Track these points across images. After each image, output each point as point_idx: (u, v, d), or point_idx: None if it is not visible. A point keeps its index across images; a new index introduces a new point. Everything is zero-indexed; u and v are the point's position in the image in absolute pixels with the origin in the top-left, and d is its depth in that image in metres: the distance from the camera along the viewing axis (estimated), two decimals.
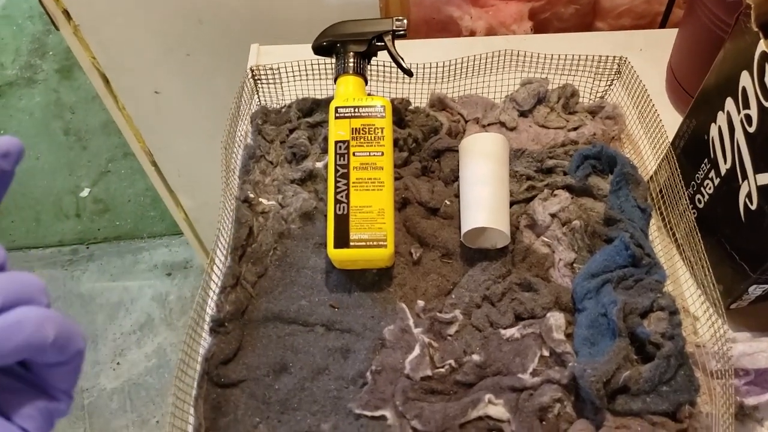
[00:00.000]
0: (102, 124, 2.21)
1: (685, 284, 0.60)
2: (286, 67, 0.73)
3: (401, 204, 0.66)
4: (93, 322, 1.87)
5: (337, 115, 0.62)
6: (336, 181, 0.60)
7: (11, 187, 0.31)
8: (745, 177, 0.51)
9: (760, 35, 0.47)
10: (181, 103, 1.15)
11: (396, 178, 0.68)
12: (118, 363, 1.79)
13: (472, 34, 0.92)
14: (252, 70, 0.73)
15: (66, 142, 2.21)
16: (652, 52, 0.83)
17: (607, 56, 0.72)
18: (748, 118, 0.49)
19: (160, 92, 1.13)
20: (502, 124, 0.72)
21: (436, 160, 0.70)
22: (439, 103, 0.74)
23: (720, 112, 0.53)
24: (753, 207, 0.51)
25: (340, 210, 0.60)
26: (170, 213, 1.47)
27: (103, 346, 1.83)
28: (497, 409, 0.53)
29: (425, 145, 0.70)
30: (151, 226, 2.03)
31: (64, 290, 1.94)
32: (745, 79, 0.49)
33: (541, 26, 0.95)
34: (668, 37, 0.80)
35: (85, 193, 2.12)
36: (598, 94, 0.75)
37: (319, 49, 0.68)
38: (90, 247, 2.02)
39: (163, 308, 1.89)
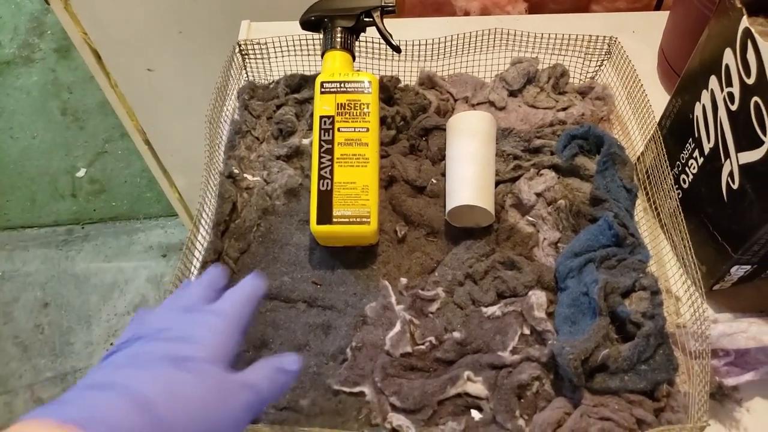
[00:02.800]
0: (99, 104, 2.20)
1: (669, 265, 0.60)
2: (273, 42, 0.72)
3: (388, 182, 0.66)
4: (87, 302, 1.88)
5: (323, 89, 0.62)
6: (320, 157, 0.60)
7: (7, 166, 0.30)
8: (727, 156, 0.50)
9: (744, 12, 0.47)
10: (174, 81, 1.15)
11: (383, 156, 0.67)
12: (111, 344, 1.80)
13: (467, 14, 0.91)
14: (239, 45, 0.72)
15: (63, 121, 2.20)
16: (645, 34, 0.82)
17: (598, 36, 0.71)
18: (731, 95, 0.49)
19: (153, 70, 1.13)
20: (492, 103, 0.71)
21: (423, 139, 0.70)
22: (429, 81, 0.73)
23: (704, 91, 0.53)
24: (735, 186, 0.50)
25: (323, 186, 0.59)
26: (166, 194, 1.47)
27: (97, 326, 1.84)
28: (476, 387, 0.53)
29: (413, 124, 0.69)
30: (147, 208, 2.03)
31: (58, 270, 1.94)
32: (728, 57, 0.49)
33: (536, 8, 0.94)
34: (661, 19, 0.79)
35: (81, 173, 2.12)
36: (588, 75, 0.74)
37: (307, 24, 0.67)
38: (85, 228, 2.03)
39: (158, 290, 1.89)
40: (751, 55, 0.45)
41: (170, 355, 0.36)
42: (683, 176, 0.59)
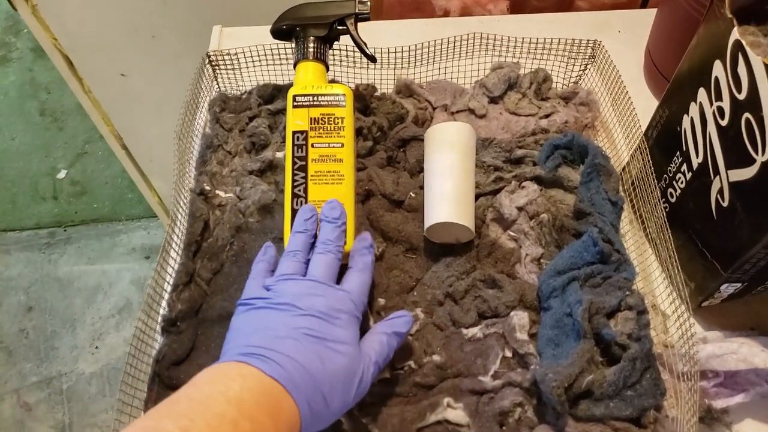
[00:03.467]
0: (78, 105, 2.12)
1: (656, 280, 0.58)
2: (245, 52, 0.69)
3: (365, 196, 0.64)
4: (71, 306, 1.85)
5: (295, 103, 0.59)
6: (293, 174, 0.57)
7: None
8: (717, 172, 0.48)
9: (734, 22, 0.44)
10: (148, 85, 1.11)
11: (360, 169, 0.65)
12: (96, 347, 1.77)
13: (446, 13, 0.89)
14: (209, 56, 0.70)
15: (42, 122, 2.16)
16: (630, 34, 0.80)
17: (581, 40, 0.69)
18: (721, 110, 0.46)
19: (126, 75, 1.10)
20: (471, 111, 0.69)
21: (401, 150, 0.67)
22: (406, 90, 0.71)
23: (692, 103, 0.51)
24: (724, 204, 0.48)
25: (297, 204, 0.57)
26: (146, 198, 1.44)
27: (81, 330, 1.81)
28: (456, 413, 0.51)
29: (390, 134, 0.67)
30: (129, 209, 2.00)
31: (41, 274, 1.91)
32: (717, 69, 0.46)
33: (518, 5, 0.91)
34: (648, 17, 0.77)
35: (62, 174, 2.08)
36: (572, 80, 0.72)
37: (278, 33, 0.64)
38: (67, 230, 1.99)
39: (142, 292, 1.86)
40: (742, 69, 0.43)
41: (322, 334, 0.44)
42: (670, 190, 0.57)
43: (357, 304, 0.48)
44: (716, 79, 0.47)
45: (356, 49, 0.65)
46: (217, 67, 0.71)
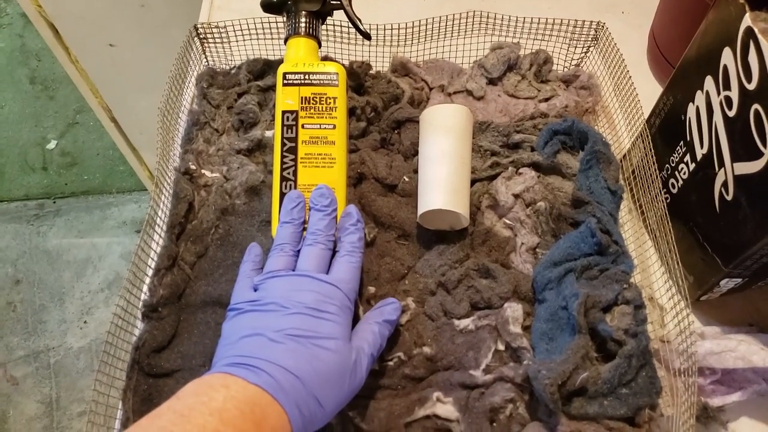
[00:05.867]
0: None
1: (654, 275, 0.56)
2: (234, 25, 0.67)
3: (357, 179, 0.61)
4: (60, 279, 1.83)
5: (285, 81, 0.57)
6: (282, 156, 0.55)
7: None
8: (722, 165, 0.46)
9: (746, 8, 0.42)
10: (137, 56, 1.08)
11: (352, 150, 0.63)
12: (85, 322, 1.76)
13: None
14: (197, 29, 0.67)
15: (32, 91, 2.12)
16: (635, 15, 0.77)
17: (584, 21, 0.66)
18: (728, 100, 0.44)
19: (115, 45, 1.06)
20: (469, 92, 0.67)
21: (396, 132, 0.65)
22: (402, 68, 0.68)
23: (699, 91, 0.48)
24: (728, 198, 0.46)
25: (286, 188, 0.55)
26: (136, 172, 1.41)
27: (70, 304, 1.79)
28: (446, 408, 0.49)
29: (385, 115, 0.65)
30: (120, 182, 1.97)
31: (30, 246, 1.89)
32: (726, 57, 0.44)
33: None
34: None
35: (52, 145, 2.04)
36: (573, 62, 0.69)
37: (269, 7, 0.61)
38: (57, 202, 1.96)
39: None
40: (753, 58, 0.41)
41: (310, 333, 0.42)
42: (672, 180, 0.55)
43: (347, 293, 0.47)
44: (725, 67, 0.44)
45: (350, 25, 0.62)
46: (205, 41, 0.68)
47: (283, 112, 0.56)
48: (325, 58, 0.68)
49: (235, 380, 0.39)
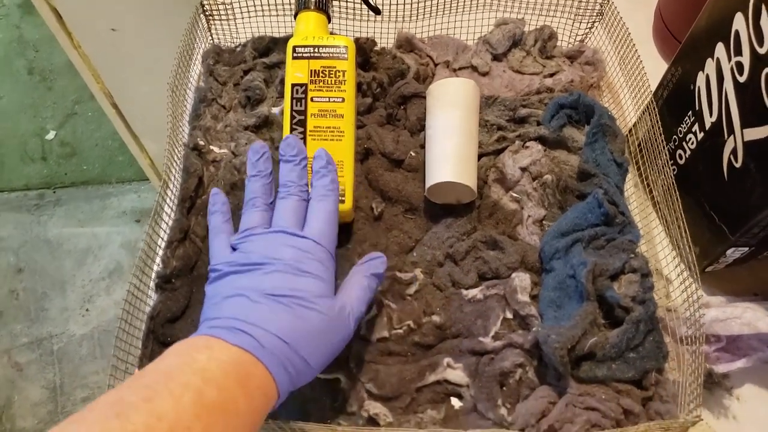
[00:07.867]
0: (67, 63, 2.08)
1: (660, 245, 0.56)
2: (240, 1, 0.67)
3: (363, 155, 0.62)
4: (61, 268, 1.83)
5: (295, 54, 0.57)
6: (291, 129, 0.56)
7: None
8: (731, 132, 0.47)
9: None
10: (140, 41, 1.08)
11: (359, 127, 0.63)
12: (87, 309, 1.76)
13: None
14: (203, 5, 0.67)
15: (30, 81, 2.11)
16: None
17: None
18: (740, 66, 0.45)
19: (117, 30, 1.06)
20: (474, 68, 0.67)
21: (402, 107, 0.65)
22: (407, 44, 0.68)
23: (709, 59, 0.49)
24: (737, 165, 0.47)
25: None
26: (137, 160, 1.41)
27: (71, 292, 1.79)
28: (456, 374, 0.50)
29: (391, 91, 0.65)
30: (120, 171, 1.97)
31: (31, 235, 1.89)
32: (738, 22, 0.44)
33: None
34: None
35: (51, 135, 2.04)
36: (578, 38, 0.70)
37: None
38: (57, 192, 1.96)
39: (132, 255, 1.84)
40: (765, 21, 0.41)
41: (292, 291, 0.42)
42: (679, 151, 0.56)
43: (326, 245, 0.46)
44: (736, 32, 0.45)
45: (357, 0, 0.63)
46: (211, 18, 0.68)
47: (293, 85, 0.56)
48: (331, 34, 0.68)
49: (217, 341, 0.39)
